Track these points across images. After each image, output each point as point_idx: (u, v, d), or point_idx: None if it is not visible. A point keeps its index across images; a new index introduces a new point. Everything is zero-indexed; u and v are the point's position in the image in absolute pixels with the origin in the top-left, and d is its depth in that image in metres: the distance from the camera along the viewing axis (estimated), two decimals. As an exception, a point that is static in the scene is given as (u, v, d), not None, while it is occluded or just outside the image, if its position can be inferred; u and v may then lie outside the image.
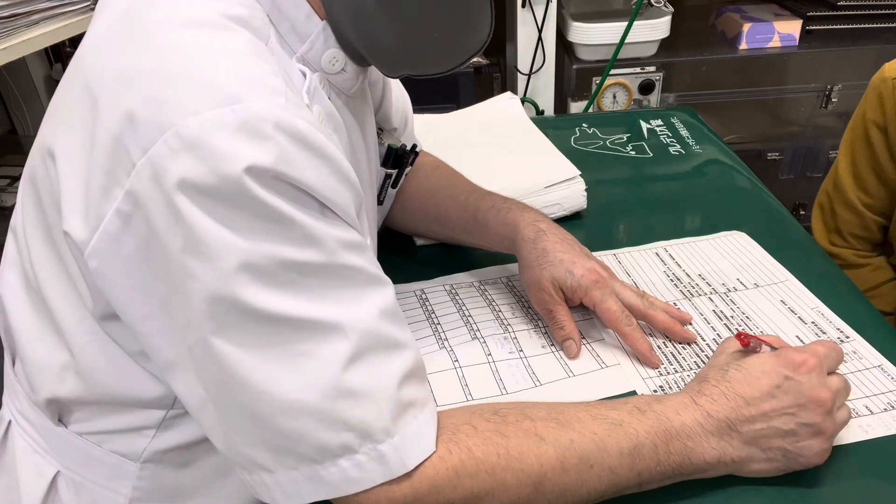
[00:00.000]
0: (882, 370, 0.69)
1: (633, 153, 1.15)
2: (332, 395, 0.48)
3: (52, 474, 0.62)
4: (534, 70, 1.66)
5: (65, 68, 0.61)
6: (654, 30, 1.62)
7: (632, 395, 0.67)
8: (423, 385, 0.55)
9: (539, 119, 1.43)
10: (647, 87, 1.68)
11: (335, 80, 0.60)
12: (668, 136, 1.19)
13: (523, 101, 1.65)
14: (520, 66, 1.66)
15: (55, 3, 1.22)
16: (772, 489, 0.58)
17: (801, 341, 0.73)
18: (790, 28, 1.69)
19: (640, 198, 1.05)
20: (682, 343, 0.74)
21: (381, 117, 0.81)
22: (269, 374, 0.48)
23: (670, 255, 0.89)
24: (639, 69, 1.66)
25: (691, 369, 0.71)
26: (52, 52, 1.75)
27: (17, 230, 0.60)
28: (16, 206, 0.60)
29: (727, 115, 1.77)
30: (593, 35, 1.62)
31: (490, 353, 0.74)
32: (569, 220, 0.97)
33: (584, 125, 1.24)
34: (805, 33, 1.71)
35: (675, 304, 0.80)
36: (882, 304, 1.03)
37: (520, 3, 1.57)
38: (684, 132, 1.21)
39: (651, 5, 1.65)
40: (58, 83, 0.56)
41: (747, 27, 1.68)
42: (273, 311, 0.47)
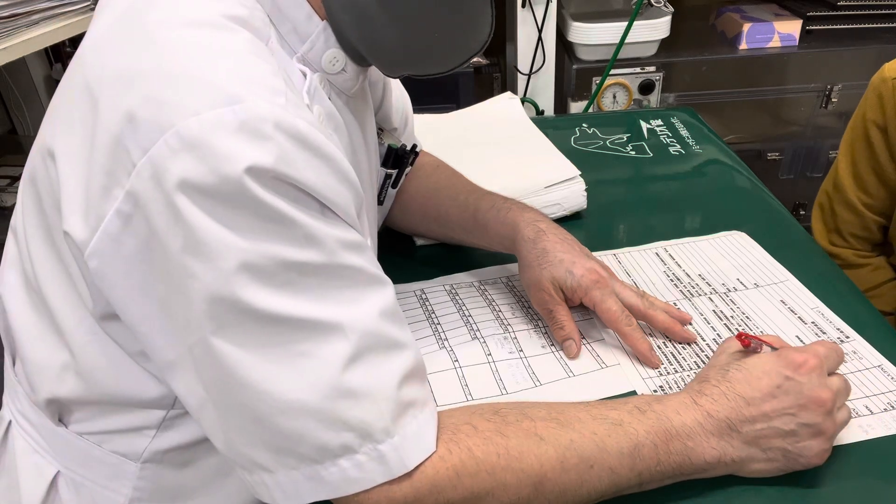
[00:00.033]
0: (882, 370, 0.69)
1: (633, 153, 1.15)
2: (332, 395, 0.48)
3: (52, 474, 0.62)
4: (534, 70, 1.66)
5: (65, 68, 0.61)
6: (654, 30, 1.62)
7: (632, 395, 0.67)
8: (424, 385, 0.55)
9: (539, 119, 1.43)
10: (647, 87, 1.68)
11: (335, 81, 0.60)
12: (668, 136, 1.19)
13: (523, 101, 1.65)
14: (520, 66, 1.66)
15: (55, 3, 1.22)
16: (772, 489, 0.58)
17: (802, 341, 0.73)
18: (790, 28, 1.69)
19: (640, 198, 1.05)
20: (682, 343, 0.74)
21: (381, 117, 0.81)
22: (270, 374, 0.48)
23: (670, 255, 0.89)
24: (639, 69, 1.66)
25: (691, 369, 0.71)
26: (52, 52, 1.75)
27: (17, 230, 0.60)
28: (16, 206, 0.60)
29: (727, 115, 1.77)
30: (593, 35, 1.62)
31: (490, 353, 0.74)
32: (569, 220, 0.97)
33: (584, 125, 1.24)
34: (805, 33, 1.71)
35: (675, 304, 0.80)
36: (882, 304, 1.03)
37: (520, 3, 1.57)
38: (684, 132, 1.20)
39: (651, 5, 1.65)
40: (58, 83, 0.56)
41: (747, 27, 1.68)
42: (273, 311, 0.47)
